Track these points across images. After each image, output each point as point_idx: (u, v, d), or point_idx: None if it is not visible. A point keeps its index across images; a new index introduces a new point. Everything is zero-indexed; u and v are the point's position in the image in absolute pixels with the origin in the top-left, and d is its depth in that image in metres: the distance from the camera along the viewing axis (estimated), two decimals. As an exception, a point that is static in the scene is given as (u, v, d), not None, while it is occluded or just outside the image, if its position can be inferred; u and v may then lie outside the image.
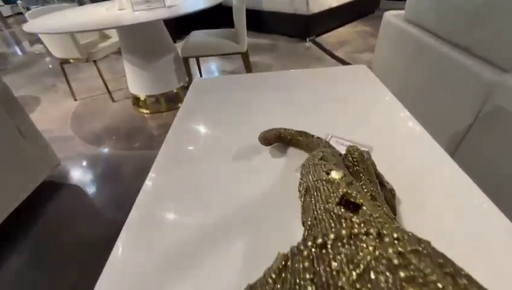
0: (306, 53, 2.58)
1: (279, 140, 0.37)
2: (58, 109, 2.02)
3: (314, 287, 0.12)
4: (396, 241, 0.14)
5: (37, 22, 1.53)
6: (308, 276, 0.13)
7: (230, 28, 1.82)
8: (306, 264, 0.14)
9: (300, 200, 0.24)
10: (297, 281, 0.13)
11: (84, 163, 1.49)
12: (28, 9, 3.58)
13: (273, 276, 0.15)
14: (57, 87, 2.36)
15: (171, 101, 1.82)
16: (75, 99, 2.09)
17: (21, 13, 5.49)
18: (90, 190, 1.33)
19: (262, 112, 0.50)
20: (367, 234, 0.14)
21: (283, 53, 2.63)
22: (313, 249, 0.14)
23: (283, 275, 0.14)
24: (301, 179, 0.26)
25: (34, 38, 4.05)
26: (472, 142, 0.86)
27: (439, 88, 1.00)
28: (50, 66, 2.92)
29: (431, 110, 1.04)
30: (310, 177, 0.24)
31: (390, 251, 0.13)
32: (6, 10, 5.47)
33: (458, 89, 0.90)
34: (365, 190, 0.22)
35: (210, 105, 0.54)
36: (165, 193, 0.36)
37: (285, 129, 0.36)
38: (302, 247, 0.15)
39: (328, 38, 2.85)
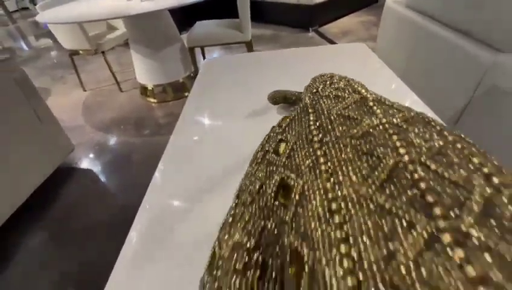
0: (309, 43, 2.60)
1: (285, 100, 0.42)
2: (68, 100, 2.08)
3: (314, 116, 0.19)
4: (368, 91, 0.21)
5: (48, 13, 1.58)
6: (310, 110, 0.20)
7: (233, 18, 1.85)
8: (307, 101, 0.21)
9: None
10: (302, 115, 0.20)
11: (96, 149, 1.55)
12: (33, 2, 3.60)
13: (280, 121, 0.22)
14: (66, 79, 2.42)
15: (177, 90, 1.87)
16: (84, 90, 2.15)
17: (27, 8, 5.54)
18: (103, 174, 1.39)
19: (266, 85, 0.55)
20: (344, 90, 0.21)
21: (286, 43, 2.65)
22: (312, 96, 0.21)
23: (289, 120, 0.21)
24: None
25: (40, 33, 4.10)
26: (468, 120, 0.90)
27: (438, 70, 1.03)
28: (55, 61, 2.97)
29: (431, 92, 1.07)
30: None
31: (361, 90, 0.21)
32: (12, 5, 5.51)
33: (457, 70, 0.94)
34: None
35: (220, 81, 0.59)
36: (183, 157, 0.41)
37: (290, 91, 0.42)
38: (302, 101, 0.22)
39: (331, 29, 2.86)
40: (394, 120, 0.16)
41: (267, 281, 0.14)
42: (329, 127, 0.17)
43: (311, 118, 0.19)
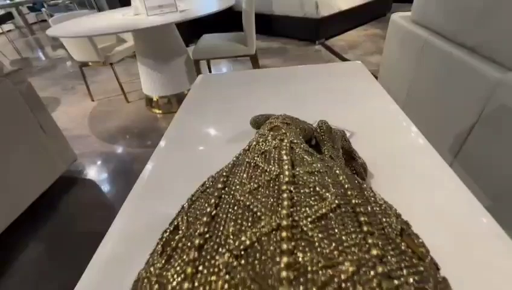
0: (315, 56, 2.60)
1: None
2: (77, 109, 2.13)
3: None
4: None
5: (60, 27, 1.64)
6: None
7: (240, 31, 1.87)
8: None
9: None
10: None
11: (99, 159, 1.57)
12: (52, 16, 3.80)
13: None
14: (76, 89, 2.49)
15: (182, 102, 1.88)
16: (93, 100, 2.20)
17: (45, 20, 5.80)
18: (104, 184, 1.40)
19: (259, 103, 0.53)
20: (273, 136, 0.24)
21: (293, 56, 2.66)
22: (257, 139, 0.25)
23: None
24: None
25: (57, 44, 4.27)
26: (475, 140, 0.86)
27: (444, 87, 1.00)
28: (69, 71, 3.08)
29: (436, 110, 1.04)
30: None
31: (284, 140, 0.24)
32: (32, 17, 5.80)
33: (463, 87, 0.91)
34: (326, 152, 0.26)
35: (211, 98, 0.58)
36: (170, 169, 0.40)
37: (274, 115, 0.40)
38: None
39: (338, 41, 2.87)
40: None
41: None
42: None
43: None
